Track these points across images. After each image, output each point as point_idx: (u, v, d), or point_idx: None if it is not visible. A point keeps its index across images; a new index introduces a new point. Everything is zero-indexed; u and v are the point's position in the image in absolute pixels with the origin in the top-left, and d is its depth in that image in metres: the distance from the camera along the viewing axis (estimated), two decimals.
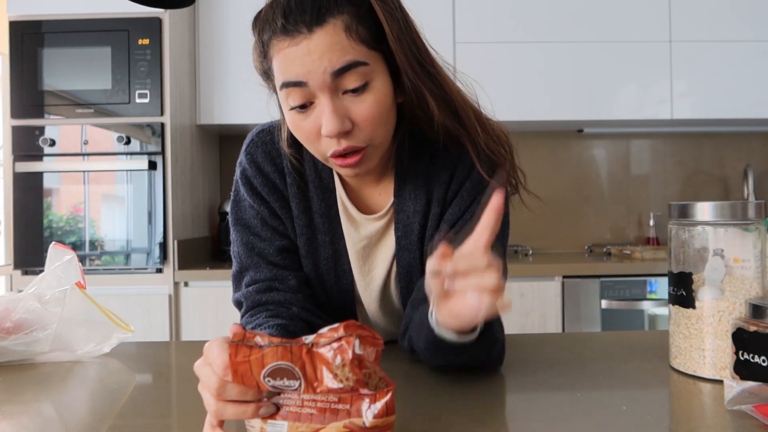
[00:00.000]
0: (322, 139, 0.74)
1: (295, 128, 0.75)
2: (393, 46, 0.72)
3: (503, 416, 0.65)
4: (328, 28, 0.69)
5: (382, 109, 0.74)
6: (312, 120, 0.73)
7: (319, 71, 0.69)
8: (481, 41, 2.41)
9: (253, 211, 0.86)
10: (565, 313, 2.20)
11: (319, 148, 0.75)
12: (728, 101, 2.45)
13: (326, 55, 0.69)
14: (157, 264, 2.15)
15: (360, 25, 0.70)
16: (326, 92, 0.70)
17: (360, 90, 0.71)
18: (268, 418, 0.50)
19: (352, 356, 0.47)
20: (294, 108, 0.73)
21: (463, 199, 0.82)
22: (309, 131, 0.74)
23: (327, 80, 0.70)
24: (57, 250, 0.96)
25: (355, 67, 0.70)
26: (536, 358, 0.86)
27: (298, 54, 0.69)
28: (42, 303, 0.89)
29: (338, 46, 0.69)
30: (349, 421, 0.48)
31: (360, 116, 0.72)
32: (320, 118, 0.72)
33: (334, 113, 0.71)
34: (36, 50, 2.15)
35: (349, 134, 0.73)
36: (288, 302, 0.82)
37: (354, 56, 0.70)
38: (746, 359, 0.65)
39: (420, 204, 0.84)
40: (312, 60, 0.69)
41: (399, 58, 0.73)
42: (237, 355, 0.48)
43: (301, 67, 0.69)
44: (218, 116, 2.41)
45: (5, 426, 0.63)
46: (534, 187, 0.86)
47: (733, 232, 0.72)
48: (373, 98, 0.72)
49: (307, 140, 0.76)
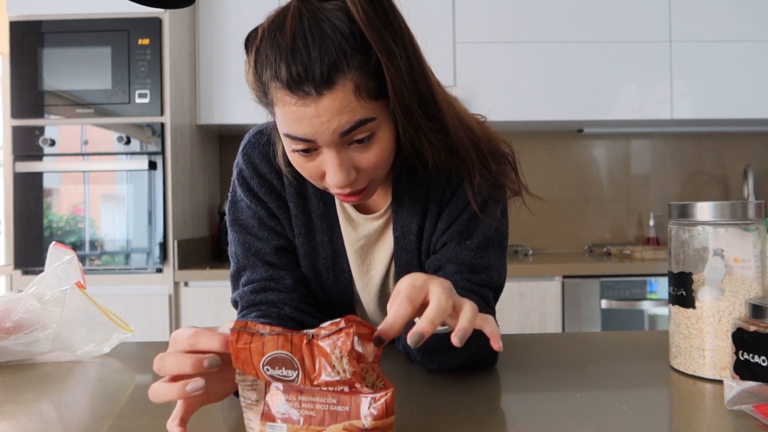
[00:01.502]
0: (325, 180, 0.73)
1: (297, 165, 0.75)
2: (392, 104, 0.70)
3: (503, 416, 0.65)
4: (338, 91, 0.65)
5: (386, 154, 0.74)
6: (316, 164, 0.72)
7: (327, 132, 0.67)
8: (481, 41, 2.41)
9: (250, 211, 0.86)
10: (565, 313, 2.20)
11: (322, 184, 0.75)
12: (728, 101, 2.45)
13: (335, 118, 0.67)
14: (157, 264, 2.15)
15: (369, 80, 0.67)
16: (333, 148, 0.70)
17: (366, 140, 0.70)
18: (268, 420, 0.50)
19: (351, 348, 0.47)
20: (297, 152, 0.72)
21: (460, 199, 0.83)
22: (312, 173, 0.74)
23: (335, 139, 0.68)
24: (57, 250, 0.96)
25: (364, 124, 0.69)
26: (536, 358, 0.86)
27: (305, 115, 0.67)
28: (42, 303, 0.89)
29: (348, 108, 0.67)
30: (348, 423, 0.48)
31: (365, 164, 0.72)
32: (324, 165, 0.71)
33: (340, 167, 0.70)
34: (36, 50, 2.15)
35: (354, 180, 0.73)
36: (281, 302, 0.82)
37: (363, 115, 0.68)
38: (746, 359, 0.65)
39: (418, 204, 0.84)
40: (321, 122, 0.67)
41: (398, 116, 0.71)
42: (238, 341, 0.49)
43: (308, 128, 0.67)
44: (218, 116, 2.41)
45: (5, 426, 0.63)
46: (534, 187, 0.86)
47: (733, 232, 0.72)
48: (378, 147, 0.72)
49: (309, 177, 0.75)
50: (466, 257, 0.81)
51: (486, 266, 0.82)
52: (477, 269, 0.81)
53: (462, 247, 0.81)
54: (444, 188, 0.84)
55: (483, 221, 0.82)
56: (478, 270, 0.81)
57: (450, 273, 0.81)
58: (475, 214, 0.81)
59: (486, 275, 0.81)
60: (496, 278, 0.83)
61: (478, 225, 0.82)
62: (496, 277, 0.83)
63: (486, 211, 0.82)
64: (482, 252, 0.82)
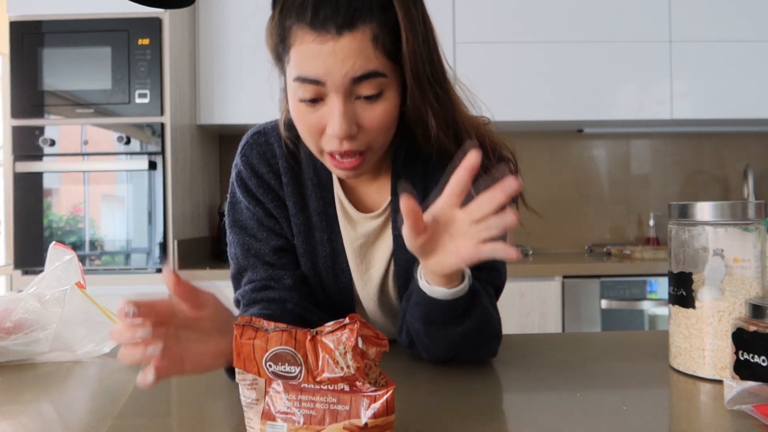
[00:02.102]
0: (324, 136, 0.74)
1: (299, 119, 0.76)
2: (405, 65, 0.72)
3: (503, 416, 0.65)
4: (357, 34, 0.69)
5: (389, 119, 0.75)
6: (318, 116, 0.73)
7: (339, 74, 0.69)
8: (481, 41, 2.41)
9: (249, 212, 0.86)
10: (565, 313, 2.20)
11: (319, 143, 0.76)
12: (728, 101, 2.45)
13: (350, 60, 0.69)
14: (157, 264, 2.15)
15: (386, 35, 0.70)
16: (341, 95, 0.71)
17: (373, 98, 0.72)
18: (268, 419, 0.50)
19: (355, 344, 0.47)
20: (303, 101, 0.73)
21: None
22: (313, 125, 0.74)
23: (345, 84, 0.70)
24: (57, 250, 0.96)
25: (375, 77, 0.71)
26: (536, 358, 0.86)
27: (321, 52, 0.69)
28: (42, 303, 0.89)
29: (363, 53, 0.69)
30: (348, 422, 0.48)
31: (368, 123, 0.73)
32: (327, 117, 0.72)
33: (344, 116, 0.71)
34: (36, 50, 2.15)
35: (352, 137, 0.73)
36: (283, 299, 0.83)
37: (376, 66, 0.70)
38: (746, 359, 0.65)
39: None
40: (335, 61, 0.69)
41: (408, 77, 0.73)
42: (242, 336, 0.49)
43: (322, 67, 0.69)
44: (218, 116, 2.41)
45: (5, 426, 0.63)
46: (534, 187, 0.87)
47: (733, 232, 0.72)
48: (383, 107, 0.73)
49: (308, 133, 0.76)
50: None
51: (489, 266, 0.82)
52: (480, 267, 0.80)
53: None
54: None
55: None
56: (481, 268, 0.80)
57: None
58: None
59: (488, 273, 0.82)
60: (497, 277, 0.83)
61: None
62: (497, 276, 0.83)
63: None
64: None
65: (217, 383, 0.77)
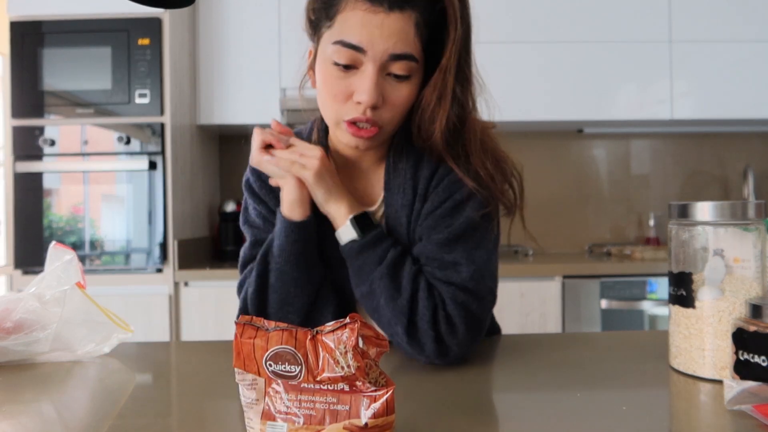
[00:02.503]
0: (348, 103, 0.79)
1: (326, 82, 0.80)
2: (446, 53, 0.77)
3: (503, 416, 0.65)
4: (405, 15, 0.75)
5: (408, 103, 0.80)
6: (348, 83, 0.78)
7: (381, 47, 0.75)
8: (481, 41, 2.40)
9: (256, 212, 0.91)
10: (565, 313, 2.20)
11: (340, 110, 0.80)
12: (728, 101, 2.45)
13: (393, 37, 0.75)
14: (157, 264, 2.15)
15: (425, 27, 0.77)
16: (377, 66, 0.76)
17: (402, 79, 0.78)
18: (268, 419, 0.50)
19: (355, 343, 0.47)
20: (337, 64, 0.77)
21: (438, 195, 0.84)
22: (340, 91, 0.78)
23: (384, 58, 0.76)
24: (57, 250, 0.96)
25: (410, 59, 0.77)
26: (536, 358, 0.86)
27: (371, 22, 0.74)
28: (42, 303, 0.89)
29: (405, 35, 0.75)
30: (348, 422, 0.48)
31: (392, 100, 0.78)
32: (357, 84, 0.77)
33: (376, 86, 0.76)
34: (36, 50, 2.15)
35: (376, 109, 0.78)
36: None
37: (413, 50, 0.76)
38: (746, 359, 0.65)
39: (407, 198, 0.86)
40: (380, 34, 0.74)
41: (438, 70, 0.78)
42: (243, 335, 0.49)
43: (368, 36, 0.74)
44: (218, 116, 2.41)
45: (5, 426, 0.63)
46: (534, 187, 0.87)
47: (733, 232, 0.72)
48: (408, 90, 0.79)
49: (332, 98, 0.80)
50: (431, 252, 0.81)
51: (453, 262, 0.80)
52: (444, 265, 0.81)
53: (429, 242, 0.82)
54: (427, 184, 0.85)
55: (457, 218, 0.82)
56: (444, 266, 0.80)
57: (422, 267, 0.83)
58: (450, 210, 0.82)
59: (453, 270, 0.80)
60: (465, 274, 0.80)
61: (452, 222, 0.82)
62: (465, 273, 0.80)
63: (465, 206, 0.82)
64: (448, 248, 0.81)
65: (217, 383, 0.77)
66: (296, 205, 0.82)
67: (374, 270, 0.81)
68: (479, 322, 0.80)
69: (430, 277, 0.81)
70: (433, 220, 0.83)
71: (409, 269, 0.80)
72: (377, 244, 0.82)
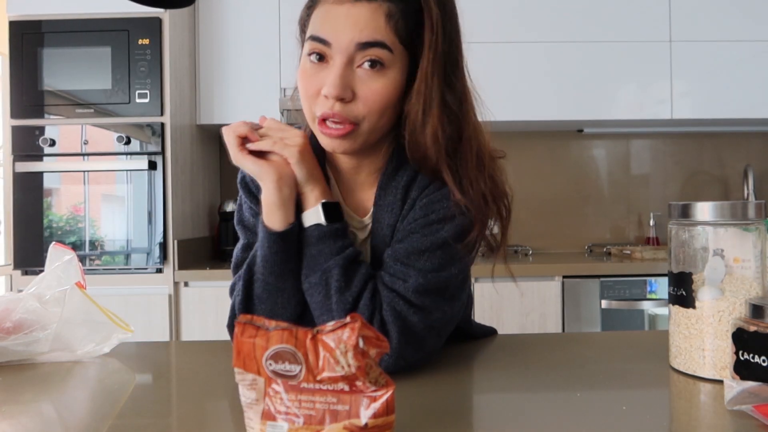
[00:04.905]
0: (319, 99, 0.76)
1: (301, 79, 0.78)
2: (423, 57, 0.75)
3: (503, 416, 0.65)
4: (373, 5, 0.73)
5: (385, 99, 0.75)
6: (320, 77, 0.76)
7: (346, 37, 0.73)
8: (481, 41, 2.41)
9: (251, 211, 0.88)
10: (565, 313, 2.20)
11: (313, 107, 0.77)
12: (728, 101, 2.45)
13: (359, 25, 0.72)
14: (157, 264, 2.15)
15: (402, 20, 0.73)
16: (343, 58, 0.74)
17: (374, 67, 0.74)
18: (268, 419, 0.50)
19: (356, 343, 0.47)
20: (311, 54, 0.76)
21: (415, 212, 0.80)
22: (311, 86, 0.77)
23: (350, 49, 0.73)
24: (57, 250, 0.96)
25: (380, 47, 0.73)
26: (536, 358, 0.86)
27: (336, 14, 0.73)
28: (42, 303, 0.89)
29: (374, 23, 0.73)
30: (348, 422, 0.48)
31: (363, 93, 0.75)
32: (325, 79, 0.75)
33: (340, 78, 0.73)
34: (36, 50, 2.15)
35: (345, 104, 0.75)
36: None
37: (383, 38, 0.73)
38: (746, 359, 0.65)
39: (393, 217, 0.82)
40: (345, 24, 0.73)
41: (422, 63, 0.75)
42: (243, 334, 0.49)
43: (332, 27, 0.73)
44: (218, 116, 2.41)
45: (5, 426, 0.63)
46: (534, 187, 0.86)
47: (733, 232, 0.72)
48: (382, 84, 0.75)
49: (306, 94, 0.78)
50: (388, 258, 0.78)
51: (403, 272, 0.76)
52: (395, 273, 0.77)
53: (391, 249, 0.79)
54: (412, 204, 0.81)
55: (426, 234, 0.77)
56: (395, 274, 0.77)
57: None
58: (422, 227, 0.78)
59: (400, 279, 0.76)
60: (410, 285, 0.75)
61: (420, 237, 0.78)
62: (411, 284, 0.75)
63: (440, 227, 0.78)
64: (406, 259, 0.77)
65: (217, 383, 0.77)
66: (276, 209, 0.77)
67: (330, 260, 0.77)
68: (416, 335, 0.75)
69: (379, 281, 0.77)
70: (402, 233, 0.80)
71: (365, 270, 0.77)
72: (339, 236, 0.78)
